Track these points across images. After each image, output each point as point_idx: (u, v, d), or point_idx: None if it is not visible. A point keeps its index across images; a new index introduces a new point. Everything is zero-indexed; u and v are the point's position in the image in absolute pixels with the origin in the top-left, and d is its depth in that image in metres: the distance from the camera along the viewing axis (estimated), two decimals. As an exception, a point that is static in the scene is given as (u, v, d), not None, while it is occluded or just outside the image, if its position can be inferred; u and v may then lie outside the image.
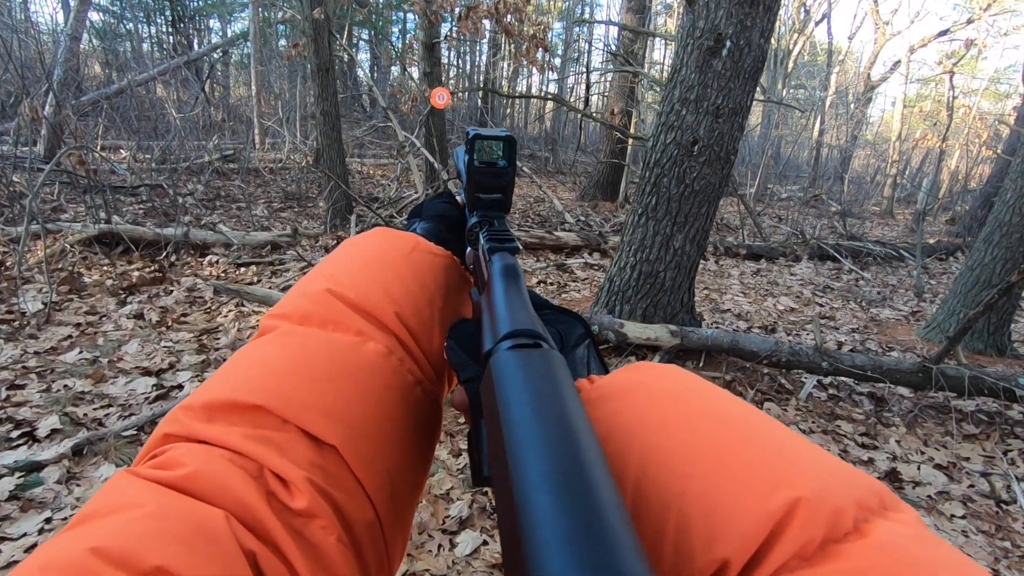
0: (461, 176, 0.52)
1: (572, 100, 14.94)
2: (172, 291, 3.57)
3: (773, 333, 3.78)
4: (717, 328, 3.44)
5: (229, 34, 17.61)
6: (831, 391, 2.95)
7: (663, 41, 14.57)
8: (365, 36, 18.13)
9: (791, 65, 12.82)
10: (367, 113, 14.29)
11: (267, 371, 0.32)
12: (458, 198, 0.56)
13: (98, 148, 7.33)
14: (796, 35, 12.61)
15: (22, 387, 2.37)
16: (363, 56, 20.20)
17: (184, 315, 3.27)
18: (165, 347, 2.85)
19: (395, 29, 19.38)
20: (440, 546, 1.72)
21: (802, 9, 12.46)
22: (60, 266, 3.66)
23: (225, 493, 0.26)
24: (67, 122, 6.58)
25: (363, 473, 0.31)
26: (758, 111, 13.59)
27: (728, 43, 2.60)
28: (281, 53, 10.03)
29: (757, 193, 10.03)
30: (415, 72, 6.65)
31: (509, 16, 5.08)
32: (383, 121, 8.88)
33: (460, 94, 13.84)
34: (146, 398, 2.39)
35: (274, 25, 13.49)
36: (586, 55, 16.97)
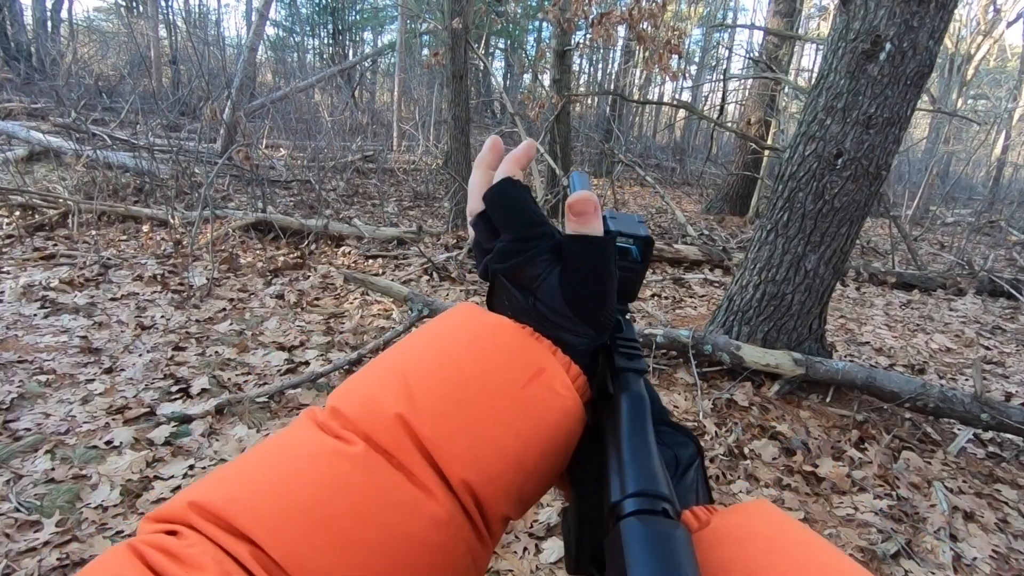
0: None
1: (706, 109, 14.29)
2: (309, 276, 3.94)
3: (922, 374, 3.33)
4: (851, 361, 3.10)
5: (379, 44, 19.08)
6: (991, 448, 2.52)
7: (814, 47, 13.47)
8: (501, 45, 18.79)
9: (971, 72, 11.24)
10: (496, 119, 14.77)
11: (313, 510, 0.27)
12: None
13: (262, 146, 8.32)
14: (981, 38, 11.04)
15: (183, 349, 2.75)
16: (497, 64, 20.94)
17: (317, 299, 3.59)
18: (298, 326, 3.14)
19: (530, 38, 19.84)
20: (526, 549, 1.72)
21: (991, 8, 10.87)
22: (223, 248, 4.19)
23: None
24: (239, 123, 7.55)
25: None
26: (923, 123, 12.07)
27: (888, 46, 2.34)
28: (422, 62, 10.69)
29: (915, 215, 8.90)
30: (546, 79, 6.75)
31: (644, 23, 4.99)
32: (511, 127, 9.13)
33: (588, 101, 13.83)
34: (278, 370, 2.65)
35: (419, 36, 14.41)
36: (725, 61, 16.17)
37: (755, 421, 2.49)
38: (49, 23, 16.95)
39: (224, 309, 3.28)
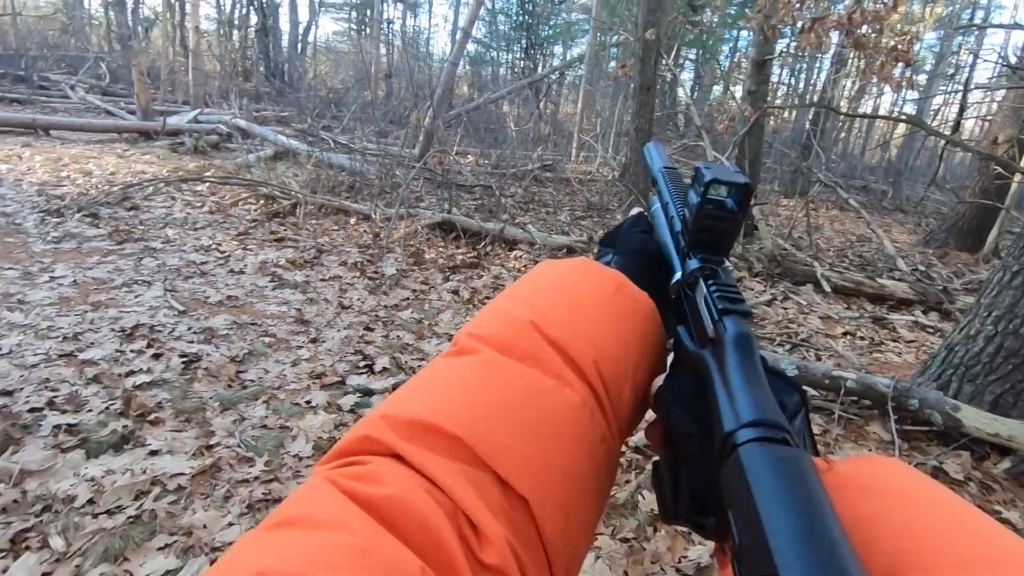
0: (660, 182, 0.54)
1: (935, 124, 12.25)
2: (482, 276, 4.17)
3: None
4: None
5: (567, 58, 19.57)
6: None
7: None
8: (692, 56, 18.13)
9: None
10: (680, 132, 14.26)
11: (469, 400, 0.32)
12: (657, 221, 0.53)
13: (453, 153, 9.07)
14: None
15: (372, 330, 3.09)
16: (686, 75, 20.21)
17: (487, 297, 3.79)
18: (467, 322, 3.35)
19: (725, 48, 18.85)
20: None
21: None
22: (412, 243, 4.63)
23: (426, 532, 0.25)
24: (437, 131, 8.31)
25: (548, 533, 0.30)
26: None
27: None
28: (609, 73, 10.75)
29: None
30: (738, 91, 6.36)
31: (865, 27, 4.44)
32: (695, 140, 8.76)
33: (785, 115, 12.71)
34: (448, 360, 2.84)
35: (607, 48, 14.53)
36: (967, 69, 13.71)
37: (973, 501, 2.05)
38: (299, 45, 20.38)
39: (407, 298, 3.61)
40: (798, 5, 4.52)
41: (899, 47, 4.52)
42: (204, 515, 1.65)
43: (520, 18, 19.68)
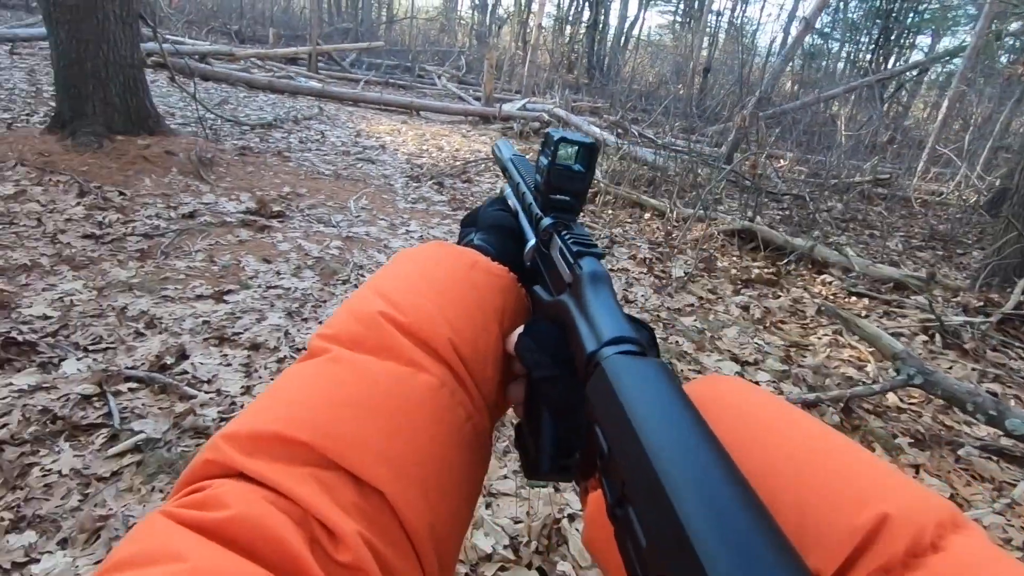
0: (510, 172, 0.57)
1: None
2: (780, 296, 3.75)
3: None
4: None
5: (935, 50, 16.02)
6: None
7: None
8: None
9: None
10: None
11: (315, 402, 0.31)
12: (509, 202, 0.56)
13: (763, 156, 8.32)
14: None
15: (652, 330, 3.06)
16: None
17: (782, 321, 3.40)
18: (756, 343, 3.05)
19: None
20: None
21: None
22: (705, 247, 4.42)
23: (269, 542, 0.24)
24: (754, 131, 7.71)
25: (410, 523, 0.29)
26: None
27: None
28: (999, 71, 8.41)
29: None
30: None
31: None
32: None
33: None
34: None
35: (1002, 39, 11.37)
36: None
37: None
38: (623, 39, 21.14)
39: (692, 304, 3.47)
40: None
41: None
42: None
43: (878, 3, 16.77)
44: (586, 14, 20.20)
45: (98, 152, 3.73)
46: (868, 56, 17.28)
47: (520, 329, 0.40)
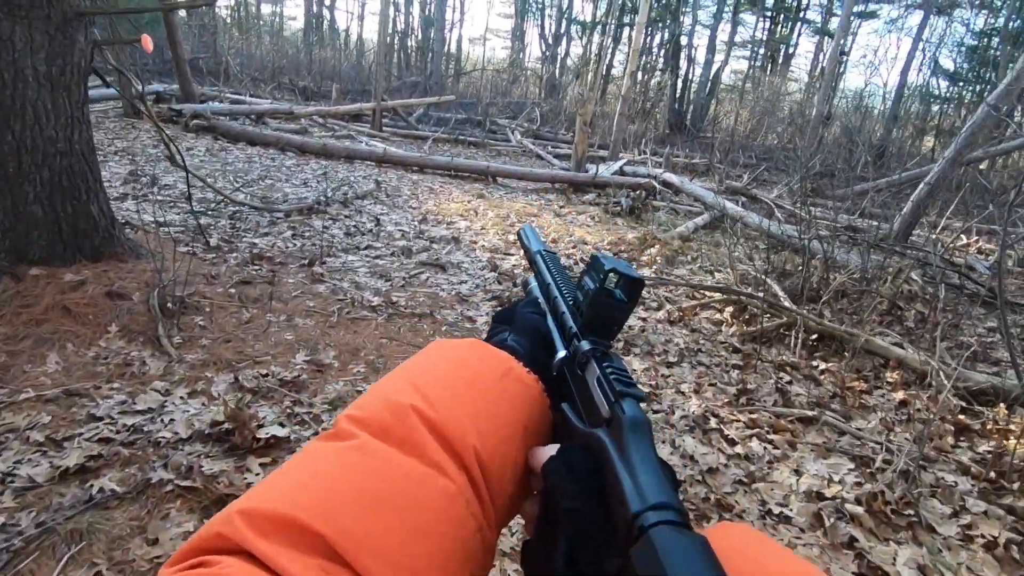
0: (546, 274, 0.57)
1: None
2: None
3: None
4: None
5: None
6: None
7: None
8: None
9: None
10: None
11: (335, 491, 0.30)
12: (540, 302, 0.56)
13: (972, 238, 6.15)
14: None
15: None
16: None
17: None
18: None
19: None
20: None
21: None
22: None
23: None
24: (935, 201, 5.59)
25: None
26: None
27: None
28: None
29: None
30: None
31: None
32: None
33: None
34: None
35: None
36: None
37: None
38: (708, 85, 19.35)
39: None
40: None
41: None
42: None
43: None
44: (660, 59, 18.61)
45: (-14, 302, 2.15)
46: None
47: (549, 449, 0.39)
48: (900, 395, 2.83)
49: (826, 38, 20.29)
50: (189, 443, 1.80)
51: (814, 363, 3.14)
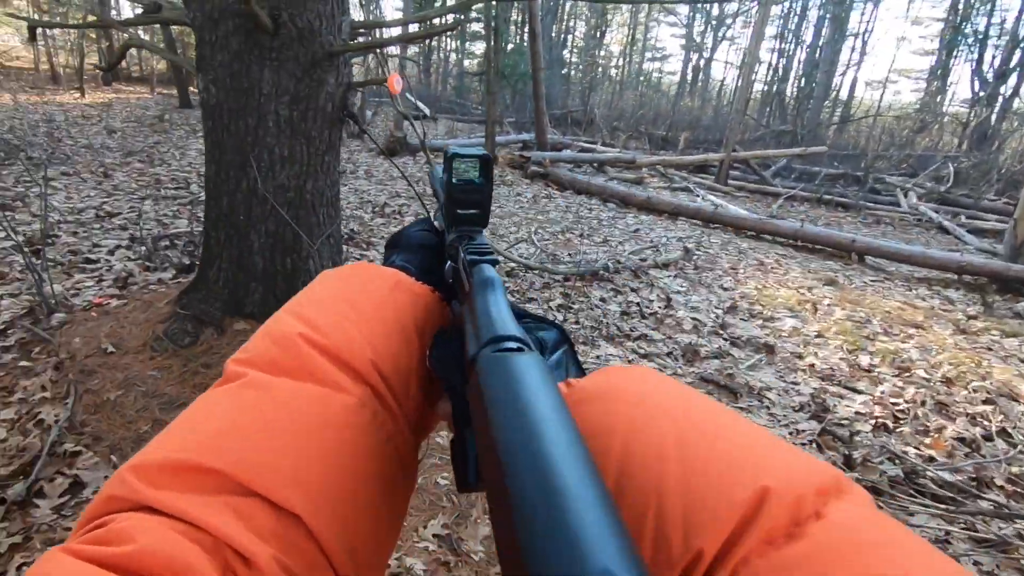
0: (439, 195, 0.54)
1: None
2: None
3: None
4: None
5: None
6: None
7: None
8: None
9: None
10: None
11: (227, 428, 0.30)
12: (436, 223, 0.55)
13: None
14: None
15: None
16: None
17: None
18: None
19: None
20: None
21: None
22: None
23: (178, 573, 0.23)
24: None
25: (329, 545, 0.29)
26: None
27: None
28: None
29: None
30: None
31: None
32: None
33: None
34: None
35: None
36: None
37: None
38: None
39: None
40: None
41: None
42: None
43: None
44: None
45: (183, 352, 2.05)
46: None
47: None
48: None
49: None
50: None
51: None
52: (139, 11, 2.26)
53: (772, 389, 2.76)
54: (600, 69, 25.68)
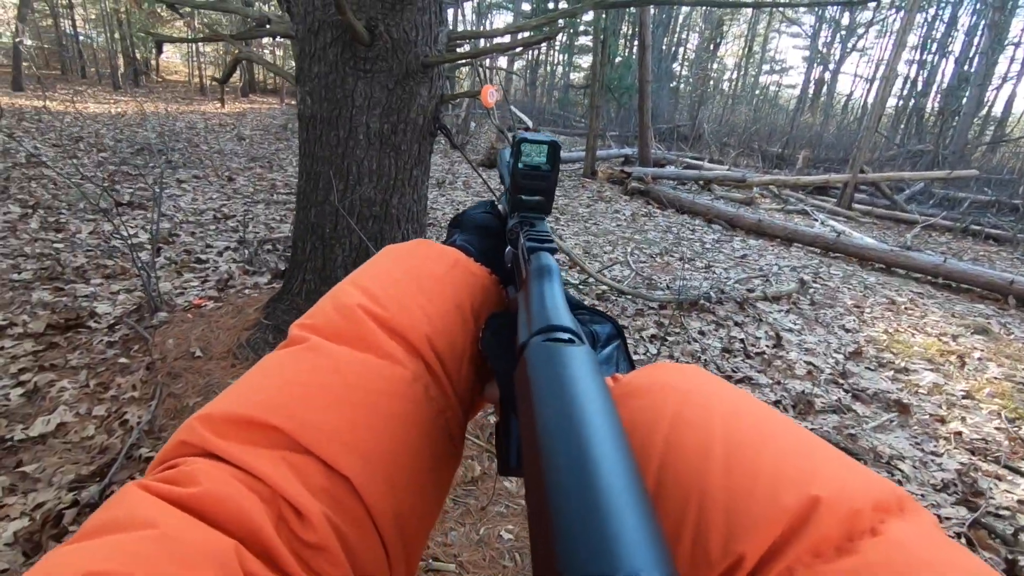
0: (504, 179, 0.53)
1: None
2: None
3: None
4: None
5: None
6: None
7: None
8: None
9: None
10: None
11: (290, 389, 0.31)
12: (499, 207, 0.55)
13: None
14: None
15: None
16: None
17: None
18: None
19: None
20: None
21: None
22: None
23: (237, 518, 0.25)
24: None
25: (376, 509, 0.30)
26: None
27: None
28: None
29: None
30: None
31: None
32: None
33: None
34: None
35: None
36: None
37: None
38: None
39: None
40: None
41: None
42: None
43: None
44: None
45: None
46: None
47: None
48: None
49: None
50: None
51: None
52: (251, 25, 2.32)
53: (906, 458, 2.32)
54: (712, 82, 24.61)
